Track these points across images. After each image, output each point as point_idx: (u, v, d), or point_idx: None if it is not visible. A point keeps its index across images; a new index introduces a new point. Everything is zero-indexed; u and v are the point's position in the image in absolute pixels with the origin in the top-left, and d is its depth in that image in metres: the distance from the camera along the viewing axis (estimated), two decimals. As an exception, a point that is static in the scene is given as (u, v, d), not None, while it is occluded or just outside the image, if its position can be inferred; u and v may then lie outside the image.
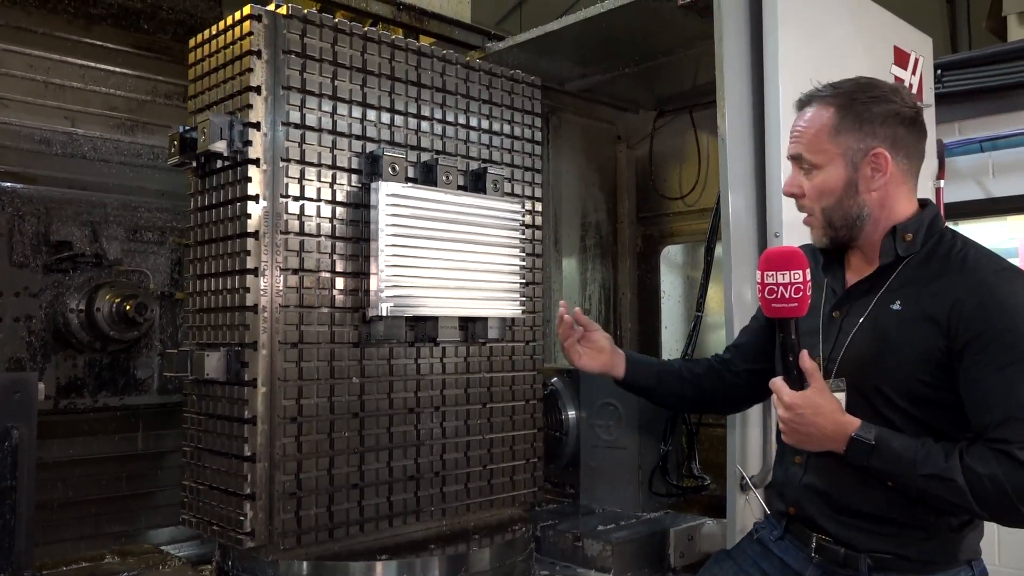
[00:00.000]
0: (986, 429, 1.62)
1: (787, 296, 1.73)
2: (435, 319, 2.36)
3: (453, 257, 2.35)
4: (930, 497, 1.66)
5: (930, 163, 2.85)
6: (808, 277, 1.73)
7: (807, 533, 1.87)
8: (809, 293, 1.73)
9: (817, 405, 1.71)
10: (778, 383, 1.77)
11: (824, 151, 1.82)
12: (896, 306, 1.77)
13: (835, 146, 1.81)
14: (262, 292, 2.08)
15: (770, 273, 1.75)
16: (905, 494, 1.69)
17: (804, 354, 1.74)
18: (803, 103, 1.89)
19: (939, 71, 3.85)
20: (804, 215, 1.93)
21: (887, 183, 1.80)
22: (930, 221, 1.83)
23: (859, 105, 1.80)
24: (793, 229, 2.38)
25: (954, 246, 1.79)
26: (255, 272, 2.07)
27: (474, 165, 2.54)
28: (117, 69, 2.99)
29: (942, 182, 3.67)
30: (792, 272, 1.72)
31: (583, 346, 2.28)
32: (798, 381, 1.74)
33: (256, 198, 2.08)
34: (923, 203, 1.88)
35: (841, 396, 1.78)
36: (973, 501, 1.60)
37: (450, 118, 2.50)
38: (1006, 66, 3.92)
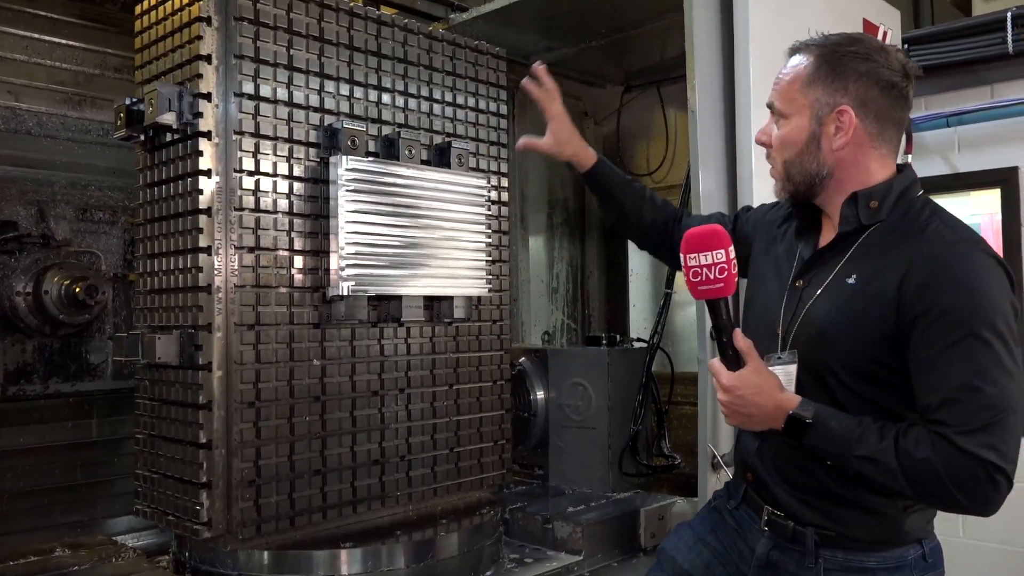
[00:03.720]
0: (928, 410, 1.56)
1: (712, 277, 1.66)
2: (399, 298, 2.28)
3: (417, 234, 2.27)
4: (866, 478, 1.62)
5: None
6: (732, 255, 1.66)
7: (760, 504, 1.85)
8: (735, 272, 1.66)
9: (755, 384, 1.65)
10: (716, 365, 1.71)
11: (793, 101, 1.75)
12: (851, 280, 1.69)
13: (803, 97, 1.74)
14: (216, 272, 1.99)
15: (692, 255, 1.68)
16: (844, 474, 1.66)
17: (737, 333, 1.68)
18: (794, 50, 1.81)
19: (906, 45, 3.83)
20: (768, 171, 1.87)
21: (850, 144, 1.72)
22: (902, 189, 1.73)
23: (837, 58, 1.72)
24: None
25: (920, 215, 1.69)
26: (208, 251, 1.99)
27: (438, 139, 2.46)
28: (63, 41, 2.85)
29: (910, 157, 3.65)
30: (715, 252, 1.65)
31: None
32: (734, 361, 1.68)
33: (208, 173, 1.99)
34: (900, 169, 1.79)
35: (792, 368, 1.73)
36: (906, 484, 1.55)
37: (412, 90, 2.42)
38: (972, 40, 3.90)
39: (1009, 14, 3.77)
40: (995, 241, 3.93)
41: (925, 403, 1.57)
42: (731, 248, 1.66)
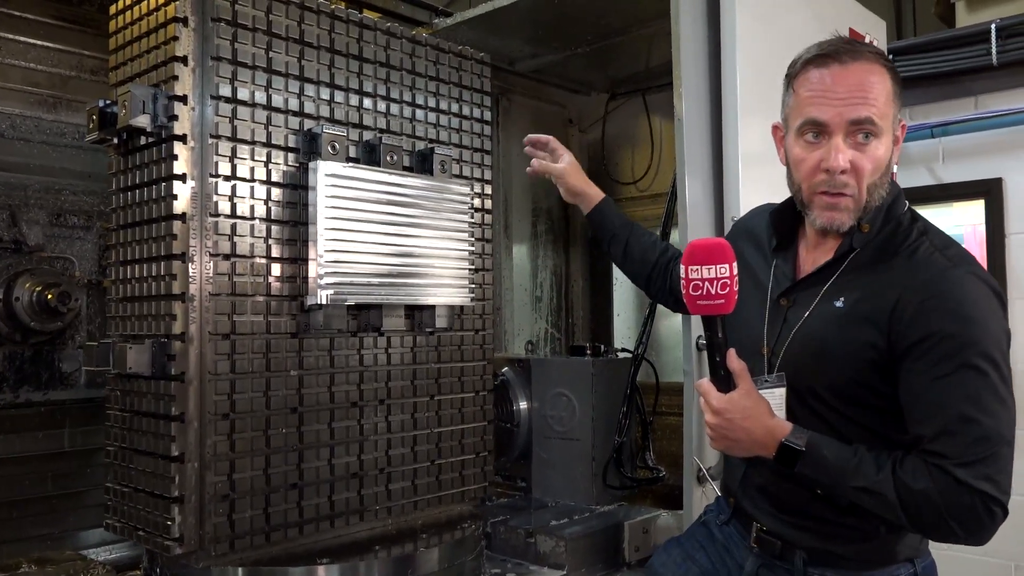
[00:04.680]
0: (922, 440, 1.52)
1: (713, 292, 1.58)
2: (379, 307, 2.23)
3: (398, 242, 2.22)
4: (860, 509, 1.59)
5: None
6: (735, 271, 1.58)
7: (749, 522, 1.81)
8: (736, 288, 1.59)
9: (745, 408, 1.59)
10: (705, 385, 1.64)
11: (887, 116, 1.60)
12: (839, 303, 1.64)
13: (891, 113, 1.61)
14: (190, 279, 1.93)
15: (694, 268, 1.59)
16: (836, 503, 1.62)
17: (731, 354, 1.62)
18: (844, 55, 1.60)
19: (891, 56, 3.83)
20: (829, 194, 1.64)
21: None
22: (888, 205, 1.67)
23: (896, 74, 1.64)
24: (751, 213, 2.31)
25: (909, 236, 1.64)
26: (182, 258, 1.93)
27: (420, 145, 2.42)
28: (38, 42, 2.80)
29: (896, 167, 3.65)
30: (718, 266, 1.58)
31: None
32: (725, 382, 1.62)
33: (183, 177, 1.93)
34: None
35: (780, 391, 1.68)
36: (904, 516, 1.51)
37: (395, 95, 2.37)
38: (957, 51, 3.91)
39: (993, 26, 3.78)
40: (979, 252, 3.93)
41: (920, 432, 1.53)
42: (735, 264, 1.59)
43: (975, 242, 4.00)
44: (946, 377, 1.50)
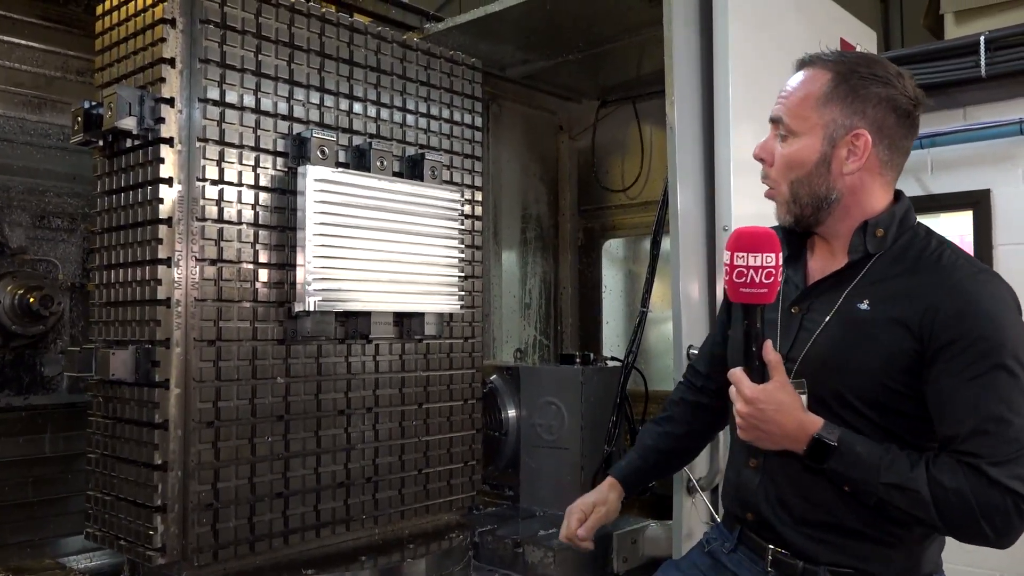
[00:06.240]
0: (954, 441, 1.52)
1: (757, 281, 1.57)
2: (367, 314, 2.21)
3: (387, 248, 2.20)
4: (890, 507, 1.57)
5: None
6: (780, 262, 1.59)
7: (762, 545, 1.77)
8: (780, 279, 1.60)
9: (779, 401, 1.59)
10: (738, 374, 1.63)
11: (805, 119, 1.67)
12: (864, 305, 1.65)
13: (818, 116, 1.66)
14: (176, 284, 1.90)
15: (740, 254, 1.59)
16: (864, 501, 1.61)
17: (768, 345, 1.62)
18: (803, 63, 1.74)
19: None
20: (766, 188, 1.78)
21: (862, 170, 1.66)
22: (902, 215, 1.70)
23: (857, 79, 1.65)
24: (743, 223, 2.28)
25: (928, 244, 1.67)
26: (168, 262, 1.90)
27: (410, 150, 2.40)
28: (23, 42, 2.76)
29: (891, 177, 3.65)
30: (765, 255, 1.57)
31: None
32: (759, 373, 1.61)
33: (169, 181, 1.91)
34: (896, 195, 1.75)
35: (802, 398, 1.67)
36: (936, 515, 1.51)
37: (385, 100, 2.35)
38: (947, 63, 3.92)
39: (982, 38, 3.79)
40: (967, 263, 3.93)
41: (951, 433, 1.53)
42: (780, 255, 1.59)
43: (963, 253, 4.01)
44: (979, 378, 1.51)
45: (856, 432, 1.62)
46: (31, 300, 2.57)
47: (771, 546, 1.75)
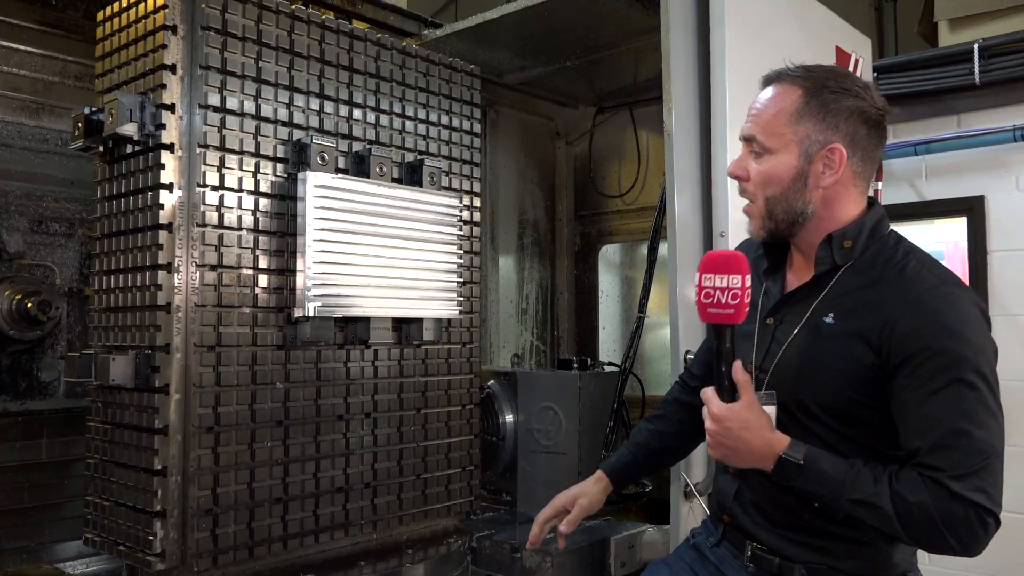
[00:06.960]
0: (917, 454, 1.53)
1: (723, 302, 1.61)
2: (366, 320, 2.21)
3: (386, 254, 2.21)
4: (857, 521, 1.59)
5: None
6: (748, 284, 1.61)
7: (742, 541, 1.80)
8: (748, 301, 1.61)
9: (745, 419, 1.61)
10: (708, 393, 1.67)
11: (779, 135, 1.69)
12: (829, 319, 1.67)
13: (792, 132, 1.68)
14: (176, 290, 1.90)
15: (708, 276, 1.63)
16: (832, 516, 1.63)
17: (737, 365, 1.64)
18: (770, 80, 1.75)
19: (876, 74, 3.86)
20: (745, 203, 1.80)
21: (837, 182, 1.69)
22: (873, 225, 1.72)
23: (828, 94, 1.67)
24: (740, 229, 2.31)
25: (894, 255, 1.68)
26: (168, 268, 1.90)
27: (410, 156, 2.41)
28: (21, 47, 2.76)
29: (879, 184, 3.68)
30: (731, 276, 1.60)
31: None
32: (729, 392, 1.65)
33: (170, 187, 1.91)
34: (869, 202, 1.77)
35: (771, 410, 1.69)
36: (900, 529, 1.52)
37: (384, 106, 2.36)
38: (941, 71, 3.96)
39: (976, 46, 3.83)
40: (961, 269, 3.96)
41: (914, 447, 1.54)
42: (748, 277, 1.61)
43: (957, 259, 4.04)
44: (940, 391, 1.51)
45: (823, 442, 1.64)
46: (29, 305, 2.57)
47: (750, 542, 1.77)
